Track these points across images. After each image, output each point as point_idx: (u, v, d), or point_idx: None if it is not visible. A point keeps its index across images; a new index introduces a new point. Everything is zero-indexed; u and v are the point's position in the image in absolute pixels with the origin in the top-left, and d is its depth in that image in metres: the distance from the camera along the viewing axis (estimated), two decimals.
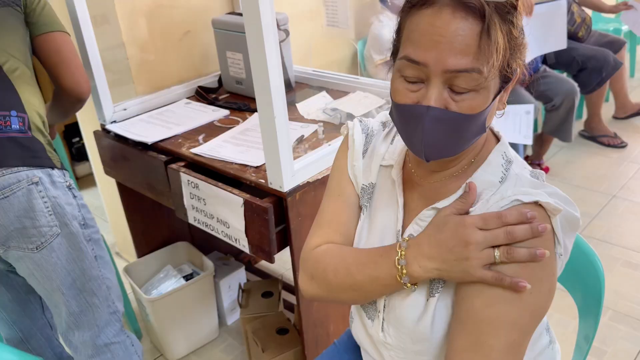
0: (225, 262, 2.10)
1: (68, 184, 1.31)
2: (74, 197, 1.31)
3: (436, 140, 0.72)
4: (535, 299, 0.71)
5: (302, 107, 1.72)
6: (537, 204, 0.72)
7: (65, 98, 1.42)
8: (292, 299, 2.04)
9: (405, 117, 0.74)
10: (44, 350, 1.56)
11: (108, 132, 1.70)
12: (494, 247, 0.71)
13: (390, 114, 0.80)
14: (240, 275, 2.08)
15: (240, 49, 1.80)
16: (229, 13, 1.89)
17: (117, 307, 1.42)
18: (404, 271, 0.76)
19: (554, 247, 0.73)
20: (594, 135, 3.18)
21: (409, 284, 0.77)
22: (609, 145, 3.11)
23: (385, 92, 1.72)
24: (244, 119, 1.72)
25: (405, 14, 0.74)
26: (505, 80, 0.73)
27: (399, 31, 0.76)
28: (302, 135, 1.53)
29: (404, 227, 0.84)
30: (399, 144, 0.89)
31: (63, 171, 1.31)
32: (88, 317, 1.36)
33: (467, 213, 0.76)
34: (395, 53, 0.77)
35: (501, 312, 0.71)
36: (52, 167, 1.27)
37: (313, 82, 1.96)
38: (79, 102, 1.44)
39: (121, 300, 1.45)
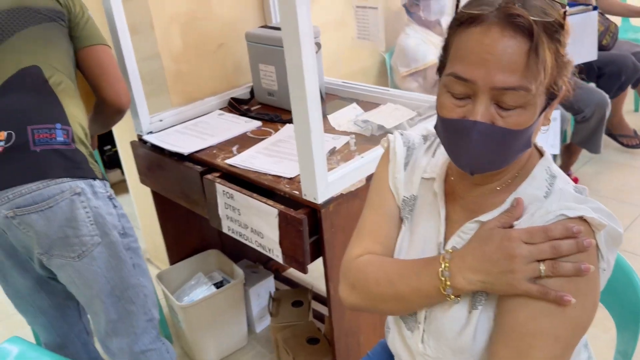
0: (255, 270, 2.13)
1: (109, 194, 1.35)
2: (114, 207, 1.35)
3: (482, 154, 0.74)
4: (579, 313, 0.72)
5: (333, 118, 1.75)
6: (582, 219, 0.73)
7: (105, 109, 1.47)
8: (320, 308, 2.06)
9: (451, 132, 0.76)
10: (80, 354, 1.59)
11: (145, 142, 1.75)
12: (538, 260, 0.72)
13: (435, 127, 0.82)
14: (269, 284, 2.10)
15: (273, 62, 1.84)
16: (262, 26, 1.93)
17: (153, 314, 1.45)
18: (448, 283, 0.77)
19: (597, 262, 0.74)
20: (614, 133, 3.13)
21: (452, 296, 0.78)
22: (627, 146, 3.06)
23: (415, 104, 1.73)
24: (276, 130, 1.75)
25: (453, 31, 0.75)
26: (551, 96, 0.75)
27: (446, 48, 0.77)
28: (334, 147, 1.55)
29: (446, 240, 0.85)
30: (441, 157, 0.91)
31: (104, 182, 1.35)
32: (126, 324, 1.39)
33: (511, 227, 0.77)
34: (441, 69, 0.79)
35: (545, 326, 0.71)
36: (94, 177, 1.31)
37: (343, 93, 1.98)
38: (119, 113, 1.49)
39: (157, 308, 1.49)
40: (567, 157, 2.90)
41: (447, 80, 0.74)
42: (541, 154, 0.84)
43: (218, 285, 1.99)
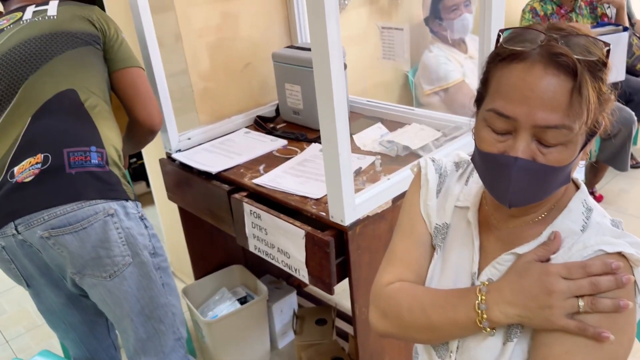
0: (278, 285, 2.15)
1: (140, 214, 1.37)
2: (146, 227, 1.38)
3: (522, 189, 0.74)
4: (616, 349, 0.72)
5: (358, 138, 1.76)
6: (620, 254, 0.73)
7: (138, 130, 1.50)
8: (344, 326, 2.06)
9: (491, 166, 0.76)
10: None
11: (173, 160, 1.78)
12: (577, 296, 0.72)
13: (472, 159, 0.83)
14: (292, 300, 2.12)
15: (299, 81, 1.86)
16: (288, 46, 1.96)
17: (181, 333, 1.47)
18: (484, 316, 0.77)
19: (634, 298, 0.74)
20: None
21: (488, 329, 0.78)
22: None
23: (441, 124, 1.74)
24: (302, 149, 1.77)
25: (493, 65, 0.76)
26: (591, 133, 0.75)
27: (485, 81, 0.78)
28: (360, 167, 1.56)
29: (479, 270, 0.86)
30: (474, 185, 0.91)
31: (136, 202, 1.38)
32: (154, 343, 1.41)
33: (547, 260, 0.77)
34: (479, 100, 0.80)
35: None
36: (127, 199, 1.33)
37: (367, 112, 2.00)
38: (151, 133, 1.53)
39: (184, 326, 1.51)
40: (592, 175, 2.87)
41: (488, 115, 0.75)
42: (577, 186, 0.84)
43: (242, 300, 2.01)
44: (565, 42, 0.70)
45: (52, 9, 1.43)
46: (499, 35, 0.77)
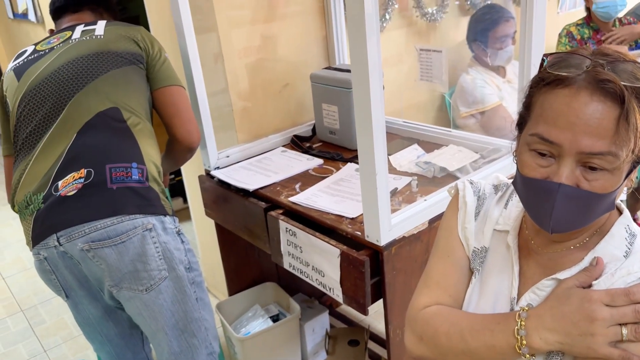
0: (310, 305, 2.14)
1: (177, 229, 1.40)
2: (182, 242, 1.40)
3: (565, 216, 0.73)
4: None
5: (394, 159, 1.76)
6: None
7: (177, 147, 1.54)
8: (375, 348, 2.04)
9: (533, 191, 0.75)
10: None
11: (212, 177, 1.82)
12: (620, 324, 0.71)
13: (513, 183, 0.82)
14: (324, 319, 2.11)
15: (336, 102, 1.89)
16: (326, 68, 1.99)
17: (214, 347, 1.49)
18: (524, 342, 0.76)
19: None
20: None
21: (527, 355, 0.77)
22: None
23: (478, 146, 1.73)
24: (337, 168, 1.78)
25: (537, 90, 0.75)
26: (637, 160, 0.74)
27: (528, 105, 0.78)
28: (396, 188, 1.56)
29: (518, 295, 0.84)
30: (514, 209, 0.90)
31: (174, 217, 1.41)
32: (187, 357, 1.43)
33: (590, 286, 0.76)
34: (521, 124, 0.79)
35: None
36: (165, 214, 1.36)
37: (403, 132, 2.00)
38: (190, 151, 1.56)
39: (217, 341, 1.52)
40: (634, 201, 2.78)
41: (531, 140, 0.74)
42: (620, 211, 0.83)
43: (274, 318, 2.01)
44: (611, 69, 0.70)
45: (99, 28, 1.50)
46: (542, 60, 0.77)
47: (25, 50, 1.53)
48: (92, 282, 1.38)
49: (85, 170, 1.30)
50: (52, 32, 1.60)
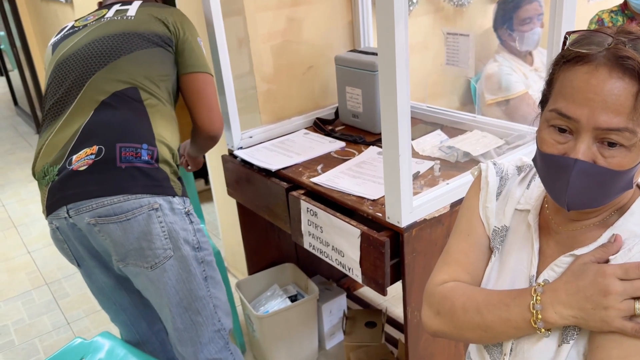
0: (328, 287, 2.16)
1: (187, 210, 1.41)
2: (191, 222, 1.41)
3: (581, 192, 0.74)
4: None
5: (417, 143, 1.76)
6: None
7: (199, 134, 1.54)
8: (392, 331, 2.05)
9: (551, 167, 0.76)
10: (157, 353, 1.66)
11: (235, 157, 1.84)
12: (634, 297, 0.71)
13: (533, 160, 0.82)
14: (341, 301, 2.13)
15: (360, 85, 1.89)
16: (351, 50, 1.98)
17: (222, 324, 1.50)
18: (539, 316, 0.76)
19: None
20: None
21: (542, 329, 0.77)
22: None
23: (503, 132, 1.72)
24: (359, 151, 1.79)
25: (558, 67, 0.76)
26: None
27: (550, 82, 0.78)
28: (418, 172, 1.56)
29: (538, 273, 0.85)
30: (536, 189, 0.90)
31: (184, 198, 1.41)
32: (191, 334, 1.45)
33: (606, 262, 0.75)
34: (543, 102, 0.79)
35: None
36: (174, 195, 1.38)
37: (427, 117, 1.99)
38: (211, 139, 1.55)
39: (230, 317, 1.53)
40: None
41: (550, 116, 0.75)
42: None
43: (292, 298, 2.04)
44: (632, 46, 0.69)
45: (132, 9, 1.51)
46: (565, 38, 0.77)
47: (67, 26, 1.58)
48: (101, 254, 1.41)
49: (97, 147, 1.32)
50: (100, 4, 1.62)
